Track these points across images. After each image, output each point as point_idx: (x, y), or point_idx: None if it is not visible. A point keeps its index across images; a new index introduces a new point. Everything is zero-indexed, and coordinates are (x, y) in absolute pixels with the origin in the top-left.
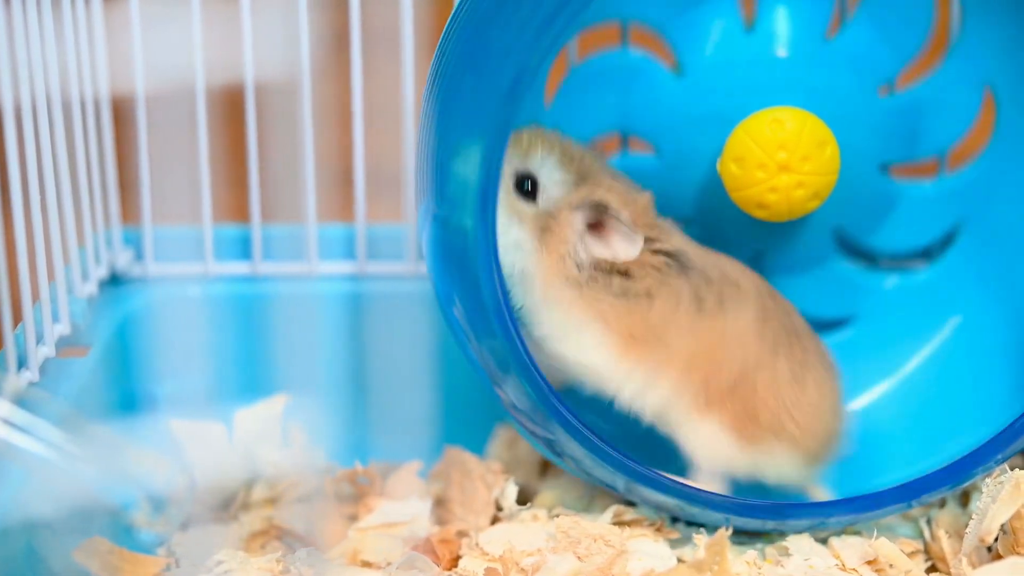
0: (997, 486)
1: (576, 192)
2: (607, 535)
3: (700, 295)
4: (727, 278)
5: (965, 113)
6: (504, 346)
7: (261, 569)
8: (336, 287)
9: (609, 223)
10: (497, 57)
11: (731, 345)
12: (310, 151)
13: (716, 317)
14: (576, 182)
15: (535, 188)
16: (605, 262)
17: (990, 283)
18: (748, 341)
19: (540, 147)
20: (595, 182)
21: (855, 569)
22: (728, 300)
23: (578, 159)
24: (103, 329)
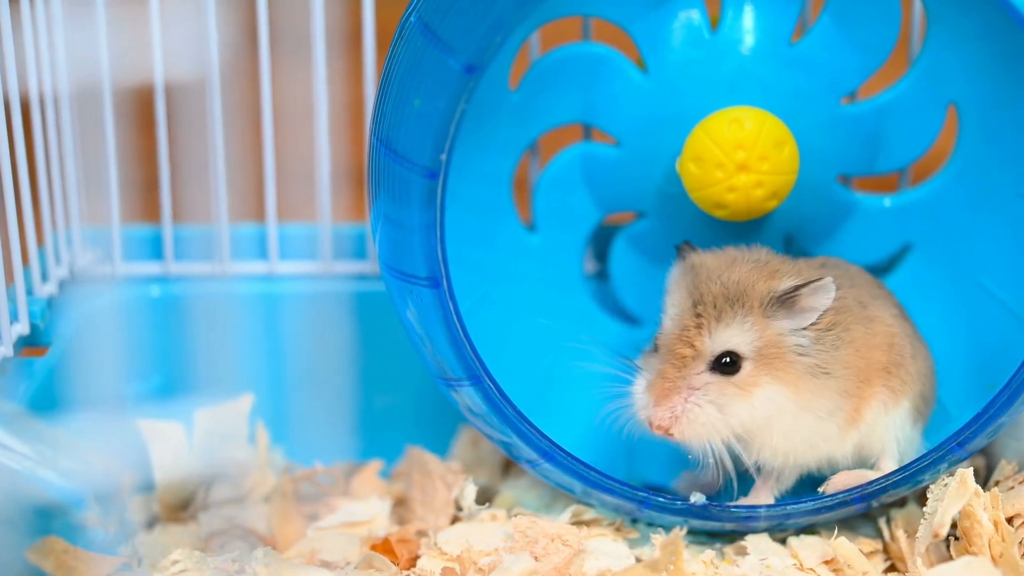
0: (943, 488)
1: (752, 315)
2: (565, 535)
3: (860, 300)
4: (845, 270)
5: (927, 130)
6: (457, 353)
7: (217, 568)
8: (299, 287)
9: (798, 297)
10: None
11: (897, 330)
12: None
13: (877, 312)
14: (742, 312)
15: (735, 355)
16: (816, 327)
17: (938, 297)
18: (901, 321)
19: (699, 334)
20: (742, 291)
21: (813, 569)
22: (869, 292)
23: (716, 302)
24: (63, 329)
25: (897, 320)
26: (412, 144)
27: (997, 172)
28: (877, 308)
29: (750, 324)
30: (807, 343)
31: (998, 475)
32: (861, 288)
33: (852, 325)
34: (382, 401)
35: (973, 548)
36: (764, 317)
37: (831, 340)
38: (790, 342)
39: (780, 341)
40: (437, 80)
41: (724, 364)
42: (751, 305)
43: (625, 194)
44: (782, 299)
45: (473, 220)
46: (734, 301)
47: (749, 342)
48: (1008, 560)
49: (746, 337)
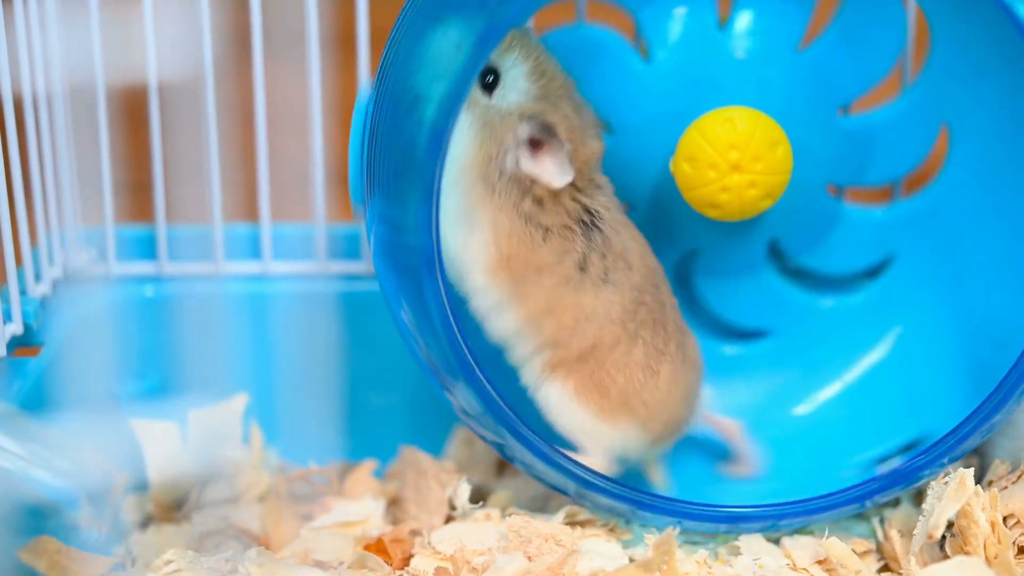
0: (943, 486)
1: (532, 104)
2: (558, 535)
3: (589, 261)
4: (623, 256)
5: (919, 147)
6: (451, 353)
7: (210, 568)
8: (292, 287)
9: (550, 146)
10: None
11: (592, 318)
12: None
13: (591, 287)
14: (536, 96)
15: (495, 84)
16: (526, 180)
17: (932, 293)
18: (611, 320)
19: (518, 50)
20: (554, 104)
21: (806, 569)
22: (612, 276)
23: (549, 77)
24: (56, 329)
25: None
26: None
27: (990, 177)
28: (602, 290)
29: (523, 98)
30: (506, 172)
31: (991, 475)
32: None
33: (550, 257)
34: (376, 401)
35: (968, 548)
36: (527, 117)
37: (526, 207)
38: (507, 145)
39: (507, 133)
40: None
41: (486, 79)
42: (539, 107)
43: (613, 179)
44: (542, 126)
45: None
46: (545, 96)
47: (507, 98)
48: (1003, 562)
49: (511, 95)
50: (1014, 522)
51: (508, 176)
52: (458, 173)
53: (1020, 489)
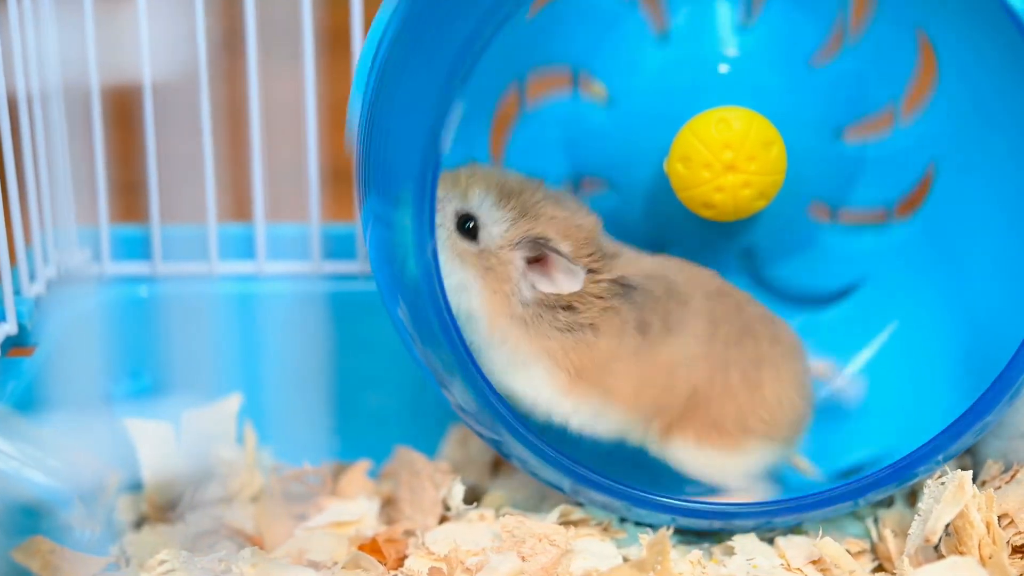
0: (939, 487)
1: (515, 228)
2: (552, 535)
3: (645, 320)
4: (672, 293)
5: (903, 62)
6: (447, 350)
7: (204, 568)
8: (287, 287)
9: (550, 258)
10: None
11: (678, 368)
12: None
13: (662, 341)
14: (515, 218)
15: (476, 228)
16: (550, 297)
17: (927, 291)
18: (696, 359)
19: (478, 186)
20: (535, 215)
21: (800, 569)
22: (674, 319)
23: (516, 193)
24: (50, 329)
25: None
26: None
27: (994, 158)
28: (660, 345)
29: (504, 228)
30: (529, 297)
31: (984, 475)
32: (668, 314)
33: (604, 330)
34: (371, 401)
35: (963, 548)
36: (516, 242)
37: (559, 320)
38: (515, 279)
39: (506, 268)
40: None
41: (465, 225)
42: (523, 225)
43: (624, 233)
44: (534, 242)
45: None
46: (521, 212)
47: (491, 235)
48: (997, 563)
49: (493, 230)
50: (1007, 522)
51: (532, 303)
52: (487, 328)
53: (1013, 489)
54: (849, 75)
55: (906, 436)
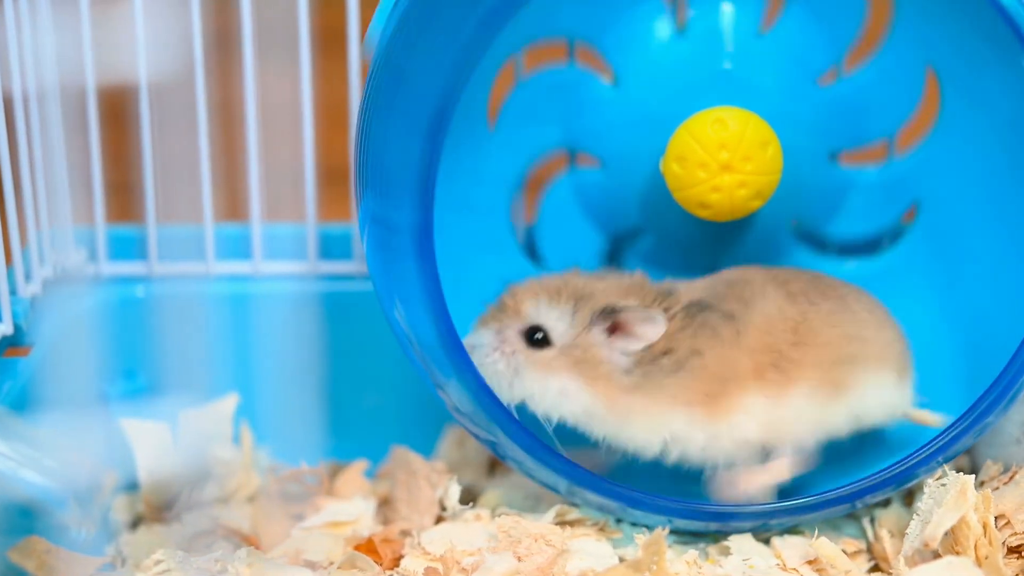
0: (940, 489)
1: (579, 313)
2: (548, 535)
3: (727, 313)
4: (732, 285)
5: (908, 95)
6: (443, 351)
7: (200, 568)
8: (286, 287)
9: (624, 319)
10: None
11: (774, 321)
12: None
13: (749, 317)
14: (575, 306)
15: (546, 336)
16: (646, 355)
17: (931, 287)
18: (785, 308)
19: (525, 300)
20: (589, 294)
21: (796, 569)
22: (748, 296)
23: (562, 286)
24: (46, 329)
25: (783, 310)
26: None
27: (986, 181)
28: (750, 315)
29: (570, 319)
30: (628, 364)
31: (983, 476)
32: (743, 293)
33: (705, 347)
34: (367, 401)
35: (959, 548)
36: (588, 323)
37: (665, 366)
38: (606, 356)
39: (594, 350)
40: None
41: (534, 337)
42: (583, 307)
43: (615, 213)
44: (604, 314)
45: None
46: (575, 296)
47: (561, 332)
48: (992, 564)
49: (560, 326)
50: (1004, 523)
51: (634, 369)
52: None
53: (1011, 490)
54: (853, 99)
55: (906, 438)
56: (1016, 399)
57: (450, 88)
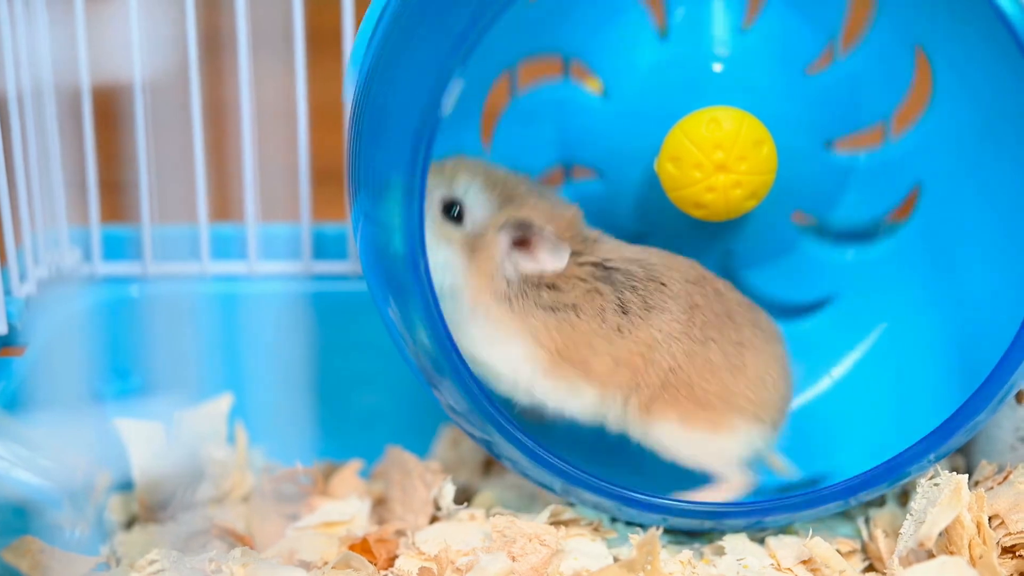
0: (933, 489)
1: (500, 213)
2: (543, 535)
3: (625, 300)
4: (653, 278)
5: (900, 77)
6: (437, 350)
7: (194, 568)
8: (280, 287)
9: (534, 239)
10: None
11: (655, 346)
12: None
13: (640, 322)
14: (501, 204)
15: (462, 213)
16: (534, 277)
17: (918, 289)
18: (674, 338)
19: (464, 174)
20: (519, 203)
21: (790, 569)
22: (653, 301)
23: (501, 183)
24: (42, 329)
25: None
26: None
27: (979, 183)
28: (639, 327)
29: (488, 212)
30: (514, 277)
31: (977, 476)
32: (649, 295)
33: (585, 310)
34: (362, 401)
35: (953, 548)
36: (500, 225)
37: (542, 299)
38: (499, 260)
39: (491, 249)
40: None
41: (449, 209)
42: (507, 209)
43: (613, 221)
44: (518, 224)
45: None
46: (509, 198)
47: (475, 219)
48: (987, 563)
49: (477, 212)
50: (998, 522)
51: (515, 283)
52: (470, 303)
53: (1005, 490)
54: (844, 86)
55: (897, 436)
56: (1007, 397)
57: (439, 87)
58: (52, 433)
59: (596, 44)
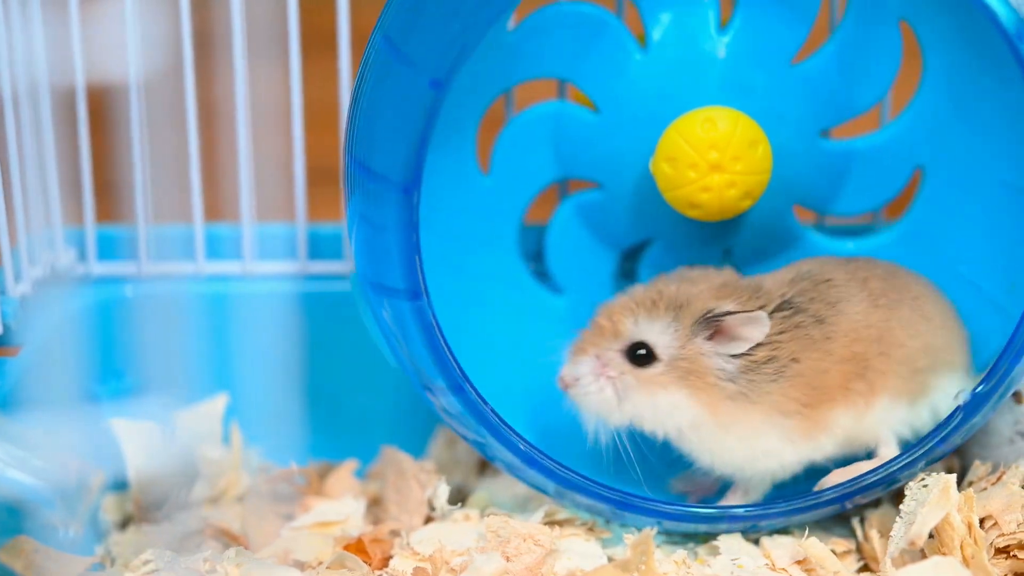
0: (922, 490)
1: (679, 323)
2: (537, 535)
3: (815, 313)
4: (818, 280)
5: (888, 56)
6: (430, 354)
7: (188, 568)
8: (275, 287)
9: (724, 323)
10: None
11: (861, 329)
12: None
13: (836, 318)
14: (673, 316)
15: (651, 351)
16: (750, 361)
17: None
18: (870, 312)
19: (621, 319)
20: (685, 301)
21: (785, 569)
22: (834, 297)
23: (658, 298)
24: (38, 329)
25: (868, 316)
26: (385, 161)
27: (979, 161)
28: (838, 319)
29: (673, 331)
30: (733, 370)
31: (972, 476)
32: (829, 295)
33: (801, 353)
34: (358, 401)
35: (944, 548)
36: (691, 332)
37: (767, 373)
38: (713, 364)
39: (701, 359)
40: (405, 97)
41: (637, 355)
42: (684, 316)
43: (617, 227)
44: (707, 321)
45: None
46: (673, 306)
47: (666, 345)
48: (978, 563)
49: (664, 339)
50: (992, 523)
51: (737, 373)
52: (715, 424)
53: (998, 491)
54: (832, 71)
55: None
56: (1003, 398)
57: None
58: (46, 433)
59: (582, 63)
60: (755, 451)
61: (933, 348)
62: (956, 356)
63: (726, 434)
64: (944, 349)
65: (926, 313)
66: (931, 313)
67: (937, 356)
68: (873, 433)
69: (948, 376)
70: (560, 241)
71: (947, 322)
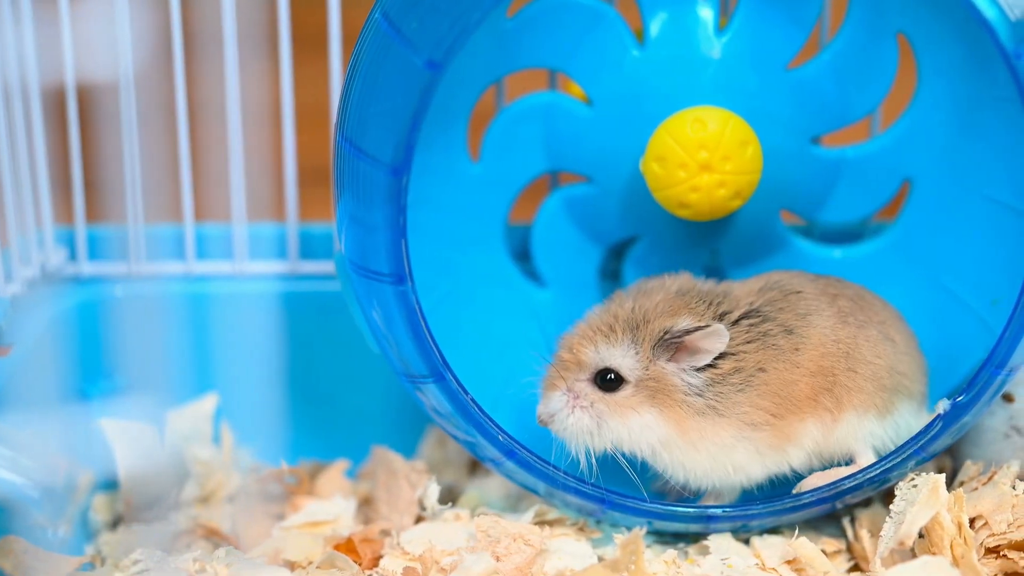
0: (912, 490)
1: (639, 344)
2: (527, 534)
3: (783, 323)
4: (787, 291)
5: (883, 67)
6: (420, 354)
7: (178, 568)
8: (266, 287)
9: (688, 341)
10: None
11: (828, 342)
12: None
13: (805, 330)
14: (632, 337)
15: (617, 375)
16: (717, 373)
17: (902, 297)
18: (838, 327)
19: (582, 348)
20: (643, 320)
21: (775, 569)
22: (803, 309)
23: (614, 322)
24: (28, 328)
25: (836, 331)
26: (377, 141)
27: (968, 177)
28: (807, 331)
29: (634, 353)
30: (699, 384)
31: (963, 476)
32: (798, 306)
33: (768, 363)
34: (349, 401)
35: (934, 548)
36: (652, 354)
37: (734, 383)
38: (679, 381)
39: (665, 377)
40: (401, 76)
41: (605, 380)
42: (642, 335)
43: (606, 224)
44: (666, 340)
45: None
46: (632, 327)
47: (631, 368)
48: (968, 563)
49: (628, 363)
50: (982, 523)
51: (704, 387)
52: (685, 441)
53: (989, 491)
54: (827, 79)
55: None
56: (993, 399)
57: (425, 85)
58: (36, 433)
59: (576, 57)
60: (725, 466)
61: (897, 372)
62: (915, 384)
63: (696, 451)
64: (906, 376)
65: (891, 337)
66: (896, 339)
67: (900, 381)
68: (844, 447)
69: (907, 402)
70: (547, 233)
71: (911, 350)
